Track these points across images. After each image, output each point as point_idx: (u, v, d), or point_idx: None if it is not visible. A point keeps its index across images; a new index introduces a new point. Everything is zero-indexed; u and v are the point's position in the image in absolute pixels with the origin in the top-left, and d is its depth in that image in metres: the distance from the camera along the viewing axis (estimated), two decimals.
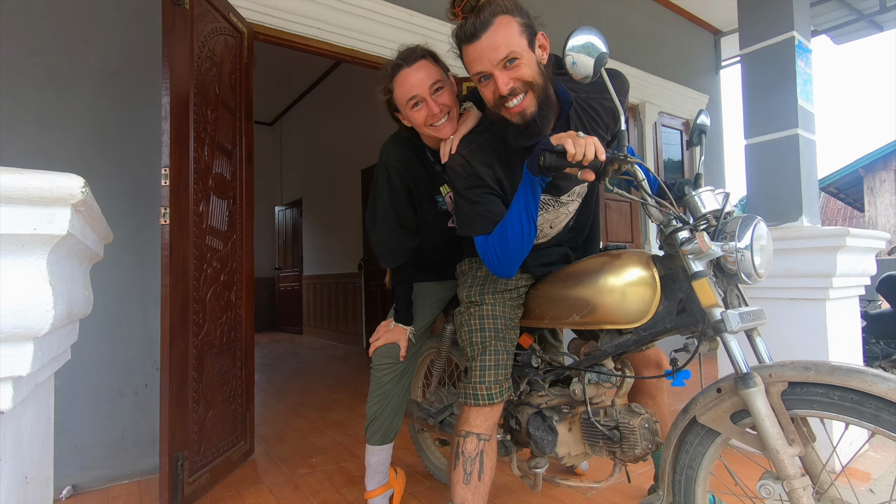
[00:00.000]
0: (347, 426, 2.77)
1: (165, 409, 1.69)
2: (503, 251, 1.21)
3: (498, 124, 1.22)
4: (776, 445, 0.93)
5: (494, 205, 1.24)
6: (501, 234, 1.20)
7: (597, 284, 1.21)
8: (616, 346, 1.23)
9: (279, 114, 7.69)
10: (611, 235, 4.11)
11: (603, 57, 1.07)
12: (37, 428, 0.81)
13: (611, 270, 1.20)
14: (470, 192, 1.25)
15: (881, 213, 10.96)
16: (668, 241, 1.09)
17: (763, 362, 1.05)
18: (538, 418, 1.37)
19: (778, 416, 0.95)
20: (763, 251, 1.06)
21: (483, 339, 1.30)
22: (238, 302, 2.21)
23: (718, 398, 1.03)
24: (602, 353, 1.26)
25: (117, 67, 2.10)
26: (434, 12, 2.98)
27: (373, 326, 5.95)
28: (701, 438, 1.07)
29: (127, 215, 2.07)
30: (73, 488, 1.92)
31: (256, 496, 1.89)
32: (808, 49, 2.31)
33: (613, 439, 1.25)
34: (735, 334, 1.02)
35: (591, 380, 1.29)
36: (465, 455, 1.26)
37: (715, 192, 1.12)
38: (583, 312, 1.23)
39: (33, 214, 0.58)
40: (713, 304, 1.03)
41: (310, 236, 7.14)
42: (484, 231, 1.24)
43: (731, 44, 5.23)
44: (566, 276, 1.33)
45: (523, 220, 1.17)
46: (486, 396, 1.25)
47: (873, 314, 3.04)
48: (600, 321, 1.21)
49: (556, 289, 1.33)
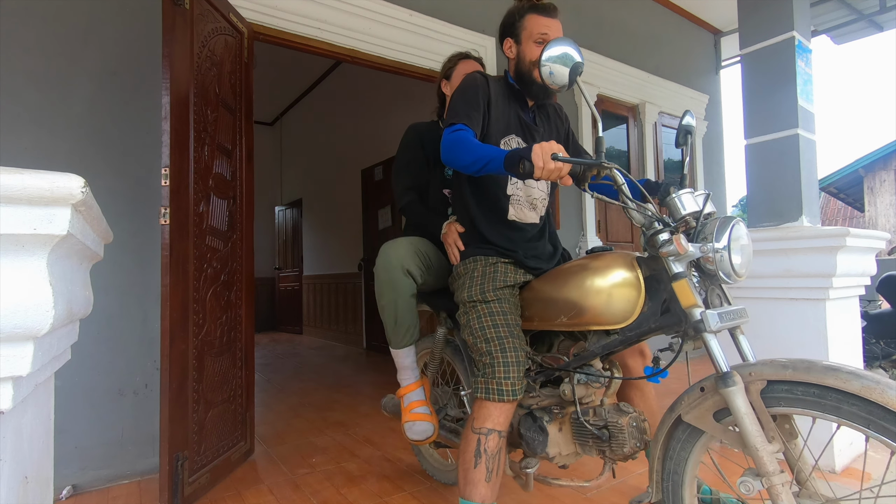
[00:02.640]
0: (347, 426, 2.77)
1: (165, 409, 1.69)
2: (454, 157, 1.33)
3: (520, 80, 1.49)
4: (755, 443, 0.95)
5: (477, 116, 1.42)
6: (463, 151, 1.31)
7: (584, 286, 1.24)
8: (603, 347, 1.26)
9: (279, 114, 7.69)
10: (611, 236, 4.11)
11: (578, 66, 1.17)
12: (37, 428, 0.81)
13: (597, 272, 1.23)
14: (471, 94, 1.43)
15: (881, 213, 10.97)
16: (650, 243, 1.12)
17: (746, 360, 1.06)
18: (529, 419, 1.38)
19: (758, 413, 0.97)
20: (742, 251, 1.09)
21: (499, 334, 1.31)
22: (238, 302, 2.21)
23: (702, 397, 1.04)
24: (590, 354, 1.28)
25: (117, 67, 2.10)
26: (434, 12, 2.98)
27: (373, 326, 5.97)
28: (687, 437, 1.09)
29: (127, 215, 2.07)
30: (73, 488, 1.92)
31: (256, 496, 1.89)
32: (808, 49, 2.31)
33: (602, 438, 1.26)
34: (715, 334, 1.04)
35: (580, 380, 1.31)
36: (487, 453, 1.26)
37: (695, 193, 1.15)
38: (570, 314, 1.26)
39: (33, 214, 0.58)
40: (693, 305, 1.06)
41: (310, 236, 7.14)
42: (460, 121, 1.38)
43: (731, 44, 5.23)
44: (554, 277, 1.36)
45: (476, 166, 1.28)
46: (510, 392, 1.26)
47: (873, 314, 3.04)
48: (588, 322, 1.23)
49: (546, 291, 1.36)
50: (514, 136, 1.49)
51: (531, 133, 1.52)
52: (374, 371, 4.43)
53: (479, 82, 1.46)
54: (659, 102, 4.54)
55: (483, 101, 1.44)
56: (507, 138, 1.48)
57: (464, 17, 3.12)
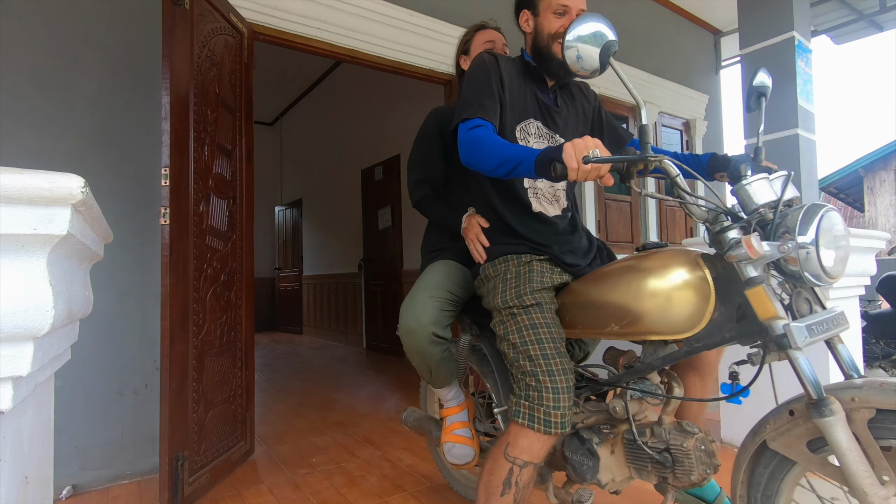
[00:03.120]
0: (347, 426, 2.77)
1: (165, 409, 1.69)
2: (476, 160, 1.19)
3: (538, 57, 1.35)
4: (862, 485, 0.77)
5: (493, 105, 1.25)
6: (486, 153, 1.16)
7: (640, 289, 1.05)
8: (663, 359, 1.07)
9: (279, 114, 7.69)
10: (611, 235, 4.10)
11: (611, 46, 0.99)
12: (37, 428, 0.81)
13: (656, 273, 1.04)
14: (482, 79, 1.27)
15: (881, 213, 10.97)
16: (716, 242, 0.96)
17: (849, 376, 0.88)
18: (576, 441, 1.21)
19: (865, 447, 0.79)
20: (835, 245, 0.88)
21: (545, 353, 1.14)
22: (238, 302, 2.21)
23: (791, 422, 0.86)
24: (646, 367, 1.10)
25: (117, 67, 2.10)
26: (434, 12, 2.98)
27: (373, 326, 5.96)
28: (775, 466, 0.90)
29: (127, 215, 2.07)
30: (73, 488, 1.92)
31: (256, 496, 1.89)
32: (808, 49, 2.31)
33: (665, 464, 1.08)
34: (802, 350, 0.85)
35: (633, 395, 1.14)
36: (518, 485, 1.12)
37: (771, 176, 0.93)
38: (624, 321, 1.06)
39: (33, 214, 0.58)
40: (773, 316, 0.88)
41: (310, 236, 7.14)
42: (475, 115, 1.21)
43: (731, 44, 5.23)
44: (601, 278, 1.16)
45: (503, 170, 1.13)
46: (559, 424, 1.08)
47: (873, 314, 3.04)
48: (644, 332, 1.04)
49: (590, 294, 1.16)
50: (533, 121, 1.33)
51: (552, 116, 1.36)
52: (374, 371, 4.43)
53: (489, 63, 1.30)
54: (659, 102, 4.54)
55: (496, 84, 1.27)
56: (525, 123, 1.32)
57: (464, 17, 3.12)
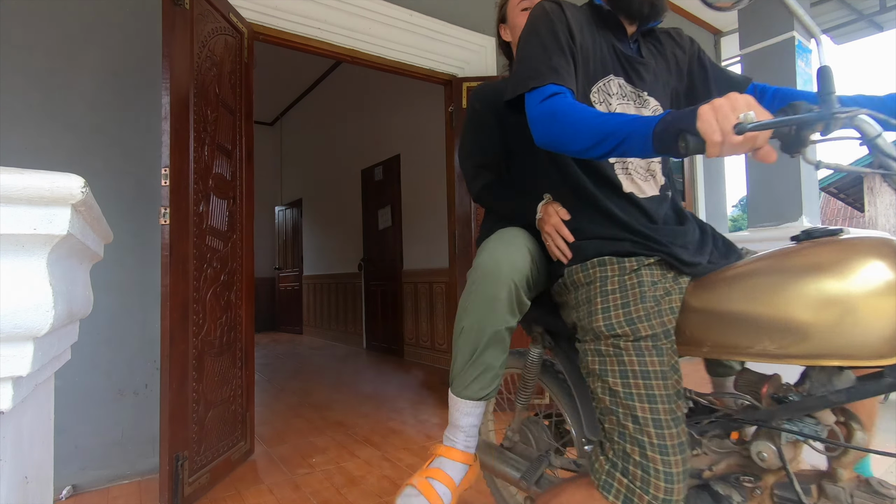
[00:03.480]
0: (347, 426, 2.77)
1: (165, 409, 1.70)
2: (560, 139, 0.91)
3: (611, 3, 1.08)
4: None
5: (567, 65, 0.99)
6: (573, 129, 0.89)
7: (808, 295, 0.75)
8: (848, 394, 0.75)
9: (279, 114, 7.69)
10: None
11: None
12: (37, 428, 0.81)
13: (831, 272, 0.75)
14: (546, 34, 1.00)
15: (881, 213, 10.97)
16: None
17: None
18: (706, 496, 0.90)
19: None
20: None
21: (656, 417, 0.84)
22: (238, 302, 2.21)
23: None
24: (815, 402, 0.78)
25: (117, 67, 2.10)
26: (434, 12, 2.98)
27: (372, 326, 5.96)
28: None
29: (127, 215, 2.07)
30: (73, 488, 1.92)
31: (256, 496, 1.89)
32: (808, 49, 2.31)
33: None
34: None
35: (789, 437, 0.83)
36: None
37: None
38: (785, 339, 0.76)
39: (33, 214, 0.58)
40: None
41: (310, 236, 7.15)
42: (547, 80, 0.95)
43: (731, 44, 5.23)
44: (740, 280, 0.86)
45: (601, 149, 0.85)
46: (665, 501, 0.80)
47: None
48: (818, 354, 0.74)
49: (727, 301, 0.85)
50: (613, 77, 1.06)
51: (635, 69, 1.09)
52: (375, 371, 4.43)
53: (553, 13, 1.02)
54: None
55: (565, 36, 1.00)
56: (604, 81, 1.05)
57: (464, 17, 3.12)
